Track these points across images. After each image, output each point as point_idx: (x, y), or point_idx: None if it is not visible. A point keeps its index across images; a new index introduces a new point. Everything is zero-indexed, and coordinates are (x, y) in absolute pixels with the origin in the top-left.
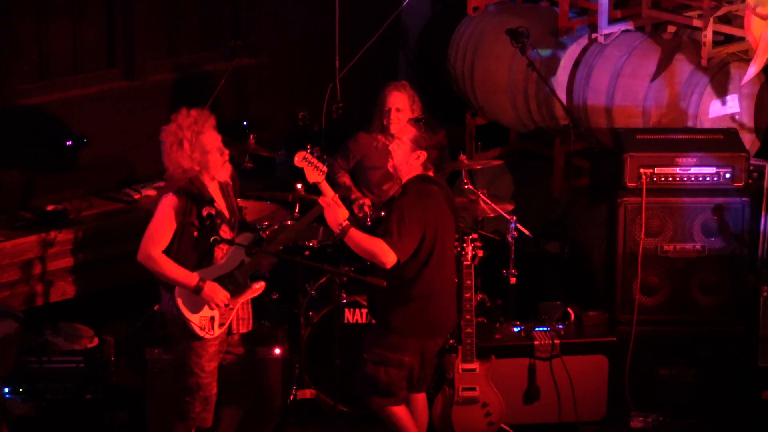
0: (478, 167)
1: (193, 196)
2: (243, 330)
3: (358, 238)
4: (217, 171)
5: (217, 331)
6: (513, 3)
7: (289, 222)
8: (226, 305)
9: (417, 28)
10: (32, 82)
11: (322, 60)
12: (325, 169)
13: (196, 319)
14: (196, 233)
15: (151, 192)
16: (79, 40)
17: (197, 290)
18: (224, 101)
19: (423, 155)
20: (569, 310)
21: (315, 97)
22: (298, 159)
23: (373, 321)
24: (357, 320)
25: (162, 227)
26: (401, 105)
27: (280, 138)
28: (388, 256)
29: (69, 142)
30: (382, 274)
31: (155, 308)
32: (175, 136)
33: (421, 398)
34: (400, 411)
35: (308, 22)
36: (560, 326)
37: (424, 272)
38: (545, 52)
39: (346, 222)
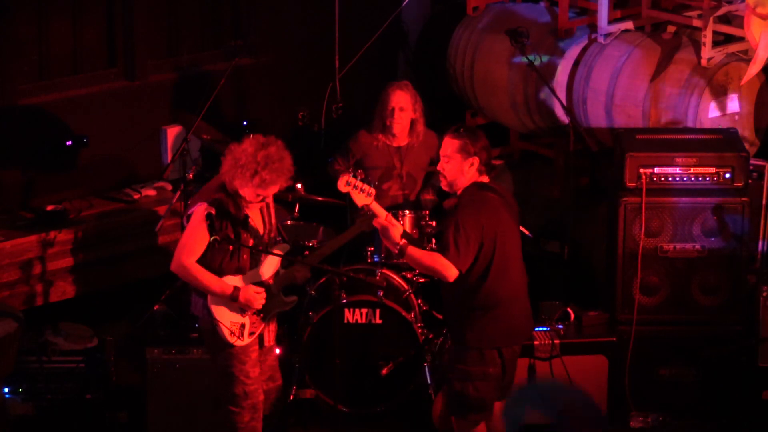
0: None
1: (228, 209)
2: (271, 342)
3: (417, 256)
4: (255, 207)
5: (247, 340)
6: (513, 3)
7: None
8: (258, 313)
9: (417, 28)
10: (32, 82)
11: (322, 60)
12: (372, 191)
13: (227, 324)
14: (231, 246)
15: (151, 192)
16: (79, 40)
17: (233, 298)
18: (224, 101)
19: (476, 161)
20: (569, 310)
21: (315, 97)
22: (342, 184)
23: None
24: (357, 320)
25: (195, 237)
26: (404, 104)
27: (280, 138)
28: (448, 270)
29: (69, 142)
30: (447, 290)
31: (155, 308)
32: (255, 163)
33: (497, 405)
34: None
35: (308, 22)
36: (560, 326)
37: (487, 281)
38: (541, 59)
39: (404, 241)
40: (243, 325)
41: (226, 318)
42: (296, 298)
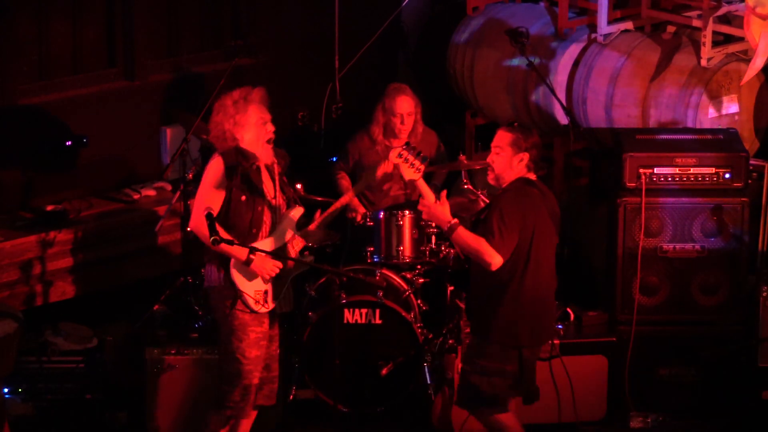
0: (478, 167)
1: (238, 160)
2: (286, 309)
3: (465, 236)
4: (259, 146)
5: (271, 305)
6: (513, 3)
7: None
8: (278, 278)
9: (417, 28)
10: (32, 82)
11: (322, 60)
12: (422, 167)
13: (251, 293)
14: (244, 197)
15: (151, 192)
16: (79, 40)
17: (248, 262)
18: None
19: (525, 157)
20: (569, 310)
21: (315, 97)
22: (394, 155)
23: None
24: (357, 320)
25: (211, 191)
26: (411, 109)
27: (280, 138)
28: (493, 257)
29: (68, 142)
30: (476, 282)
31: (155, 308)
32: (224, 100)
33: (512, 402)
34: (507, 419)
35: (308, 22)
36: (560, 326)
37: (518, 278)
38: (541, 60)
39: (455, 220)
40: (266, 292)
41: (249, 288)
42: (313, 257)
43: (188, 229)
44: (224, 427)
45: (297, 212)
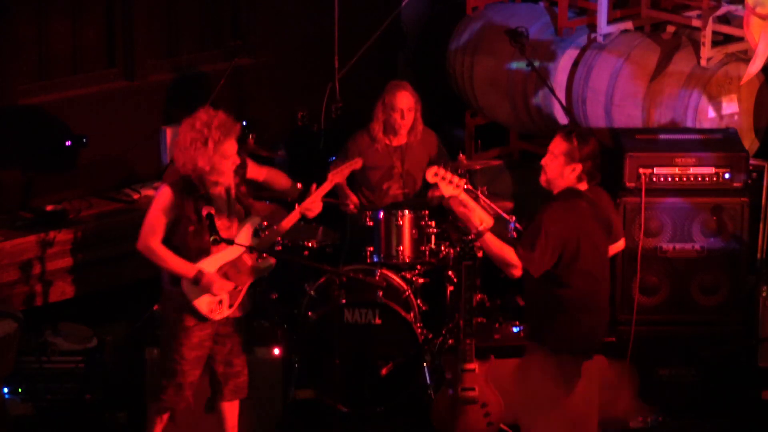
0: (478, 167)
1: (190, 190)
2: (239, 314)
3: (492, 244)
4: (227, 177)
5: (226, 312)
6: (512, 3)
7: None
8: (236, 286)
9: (417, 28)
10: (32, 82)
11: (322, 60)
12: (461, 182)
13: (203, 305)
14: (192, 228)
15: (151, 192)
16: (79, 40)
17: (196, 281)
18: (224, 101)
19: (578, 168)
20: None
21: (315, 97)
22: (430, 175)
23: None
24: (356, 320)
25: (157, 218)
26: (411, 105)
27: (280, 138)
28: (515, 268)
29: (68, 142)
30: (530, 291)
31: (155, 308)
32: (200, 133)
33: None
34: None
35: (308, 22)
36: None
37: (567, 287)
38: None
39: (485, 227)
40: (221, 301)
41: (202, 299)
42: (273, 260)
43: (136, 247)
44: (161, 414)
45: (253, 222)
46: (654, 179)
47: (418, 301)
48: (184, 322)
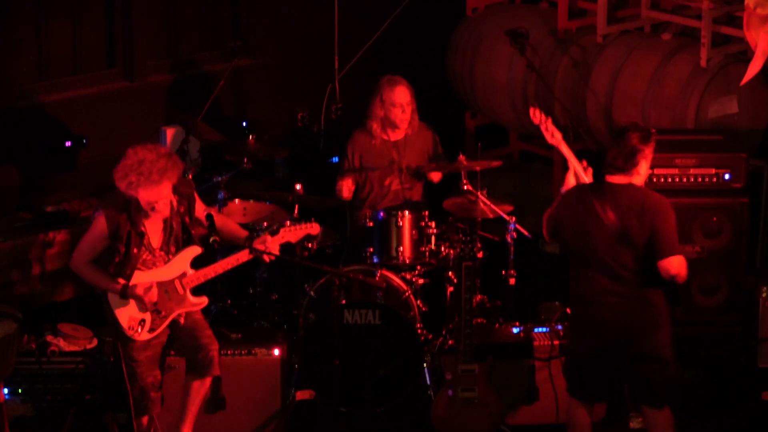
0: (478, 168)
1: (127, 216)
2: (162, 339)
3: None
4: (162, 208)
5: (145, 336)
6: (512, 3)
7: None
8: (158, 312)
9: (417, 28)
10: (32, 82)
11: (322, 60)
12: (559, 135)
13: (125, 320)
14: (123, 249)
15: None
16: (79, 40)
17: (123, 295)
18: (224, 101)
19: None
20: (569, 310)
21: (314, 98)
22: (533, 115)
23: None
24: (356, 321)
25: (92, 243)
26: (409, 98)
27: (280, 138)
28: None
29: (68, 143)
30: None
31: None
32: (138, 168)
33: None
34: None
35: (308, 22)
36: (559, 327)
37: (574, 273)
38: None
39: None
40: (143, 321)
41: (124, 313)
42: (206, 299)
43: (69, 266)
44: (139, 419)
45: (192, 252)
46: (654, 179)
47: (418, 302)
48: None
